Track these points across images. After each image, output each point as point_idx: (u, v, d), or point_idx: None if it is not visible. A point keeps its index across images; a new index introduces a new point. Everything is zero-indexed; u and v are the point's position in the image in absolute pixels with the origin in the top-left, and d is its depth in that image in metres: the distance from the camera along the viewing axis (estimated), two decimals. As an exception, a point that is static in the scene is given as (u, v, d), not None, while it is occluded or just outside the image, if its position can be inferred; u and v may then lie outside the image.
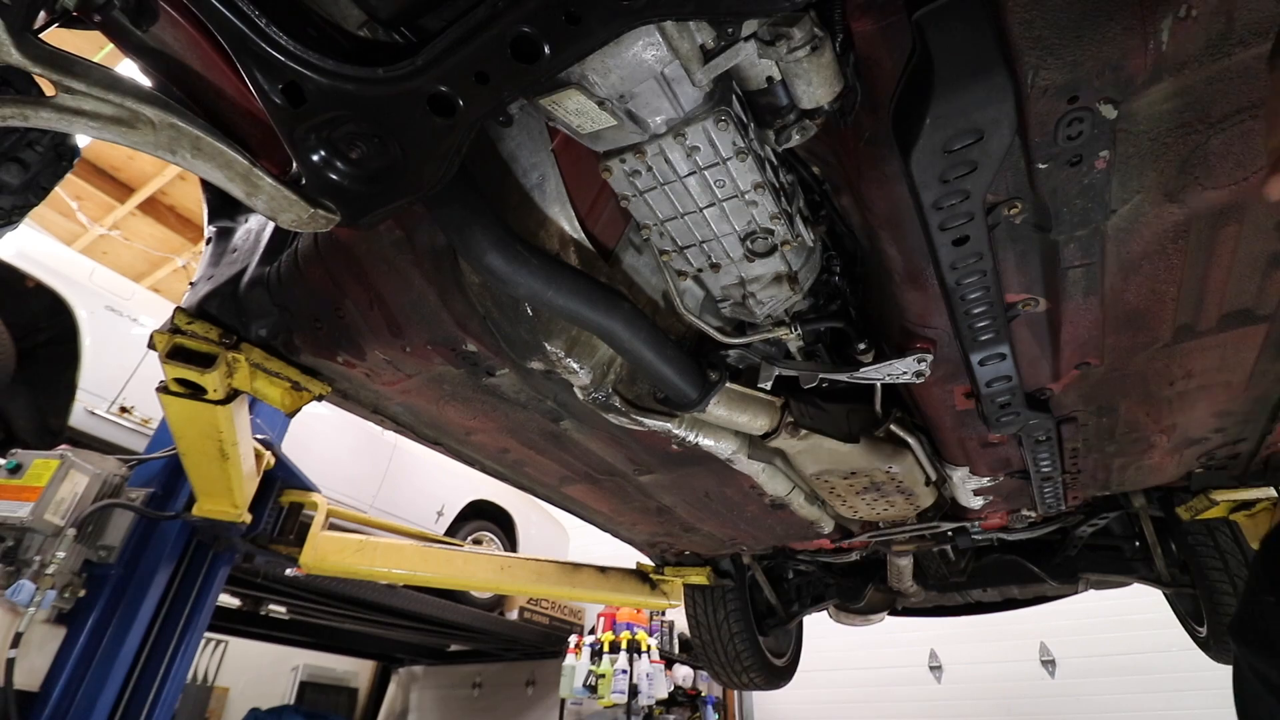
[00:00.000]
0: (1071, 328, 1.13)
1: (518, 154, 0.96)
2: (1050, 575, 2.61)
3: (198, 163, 0.74)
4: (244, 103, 0.88)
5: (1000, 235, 0.93)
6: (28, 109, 0.66)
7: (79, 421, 3.16)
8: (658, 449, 1.63)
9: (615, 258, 1.13)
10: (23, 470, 2.23)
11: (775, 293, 1.06)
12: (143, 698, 2.32)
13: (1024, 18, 0.65)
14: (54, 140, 1.50)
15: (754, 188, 0.88)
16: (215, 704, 6.39)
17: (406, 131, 0.73)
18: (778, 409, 1.41)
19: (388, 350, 1.31)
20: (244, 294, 1.35)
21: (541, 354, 1.12)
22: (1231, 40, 0.66)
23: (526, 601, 5.91)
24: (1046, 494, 1.82)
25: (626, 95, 0.74)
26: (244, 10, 0.66)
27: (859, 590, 3.01)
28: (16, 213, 1.54)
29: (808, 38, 0.68)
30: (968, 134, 0.74)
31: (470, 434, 1.67)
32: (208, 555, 2.59)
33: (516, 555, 4.48)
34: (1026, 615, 3.31)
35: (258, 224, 1.46)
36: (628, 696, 5.13)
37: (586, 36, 0.63)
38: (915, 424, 1.58)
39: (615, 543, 2.65)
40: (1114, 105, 0.72)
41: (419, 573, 2.78)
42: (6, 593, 2.05)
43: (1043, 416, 1.38)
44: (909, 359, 1.20)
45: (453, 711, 7.53)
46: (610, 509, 2.17)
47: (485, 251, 0.90)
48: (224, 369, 1.38)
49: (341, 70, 0.69)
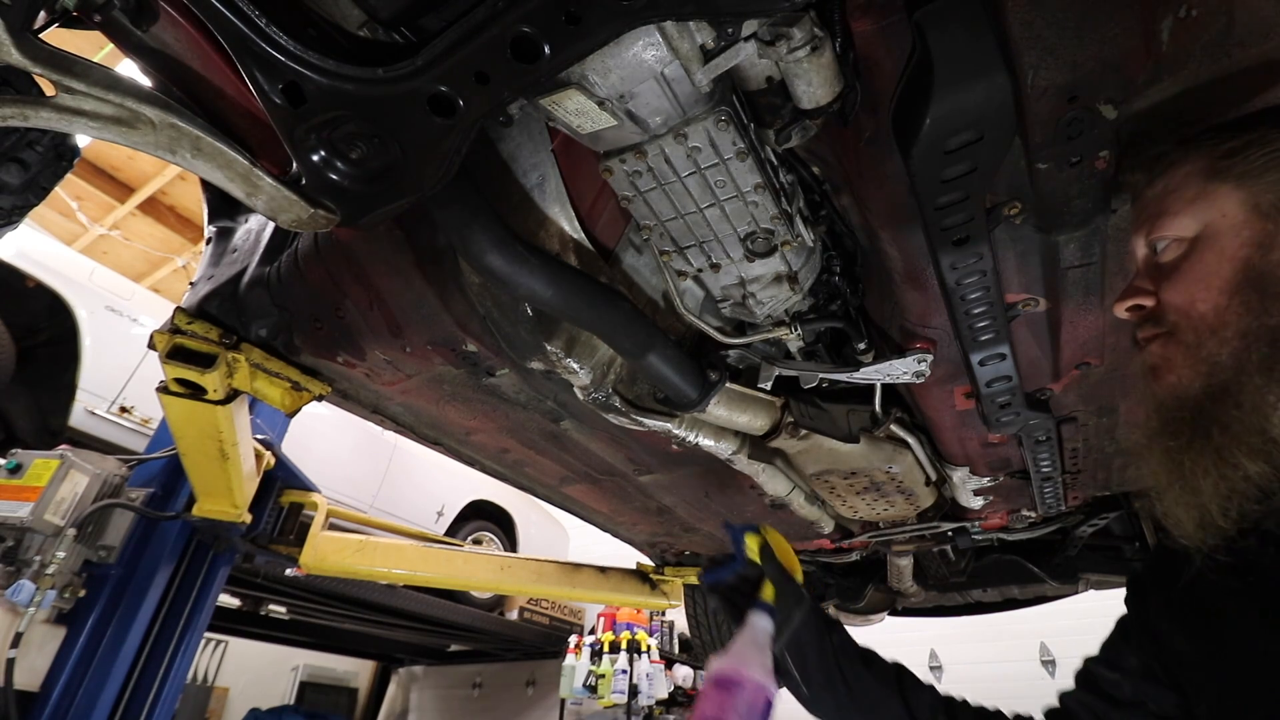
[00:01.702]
0: (1071, 328, 1.13)
1: (518, 154, 0.96)
2: (1050, 575, 2.61)
3: (198, 163, 0.74)
4: (244, 103, 0.88)
5: (1000, 235, 0.93)
6: (28, 109, 0.66)
7: (79, 421, 3.16)
8: (658, 449, 1.63)
9: (615, 258, 1.13)
10: (23, 470, 2.23)
11: (775, 293, 1.06)
12: (143, 698, 2.31)
13: (1024, 18, 0.64)
14: (54, 140, 1.50)
15: (754, 188, 0.88)
16: (215, 704, 6.39)
17: (406, 132, 0.73)
18: (778, 409, 1.41)
19: (388, 350, 1.31)
20: (244, 294, 1.34)
21: (541, 354, 1.12)
22: (1231, 40, 0.66)
23: (526, 601, 5.90)
24: (1046, 494, 1.82)
25: (626, 95, 0.74)
26: (244, 10, 0.66)
27: (859, 590, 3.01)
28: (16, 213, 1.55)
29: (808, 38, 0.68)
30: (968, 134, 0.74)
31: (470, 434, 1.67)
32: (208, 555, 2.59)
33: (516, 555, 4.48)
34: (1026, 615, 3.31)
35: (258, 224, 1.46)
36: (628, 696, 5.13)
37: (586, 37, 0.63)
38: (915, 424, 1.58)
39: (615, 543, 2.65)
40: (1114, 105, 0.72)
41: (419, 573, 2.78)
42: (6, 593, 2.05)
43: (1043, 416, 1.39)
44: (909, 359, 1.20)
45: (453, 711, 7.52)
46: (610, 509, 2.17)
47: (485, 251, 0.90)
48: (224, 369, 1.38)
49: (341, 70, 0.69)
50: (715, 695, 0.85)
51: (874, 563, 2.87)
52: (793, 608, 1.01)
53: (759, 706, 0.84)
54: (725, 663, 0.89)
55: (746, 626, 0.97)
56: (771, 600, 1.00)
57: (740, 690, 0.84)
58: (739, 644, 0.93)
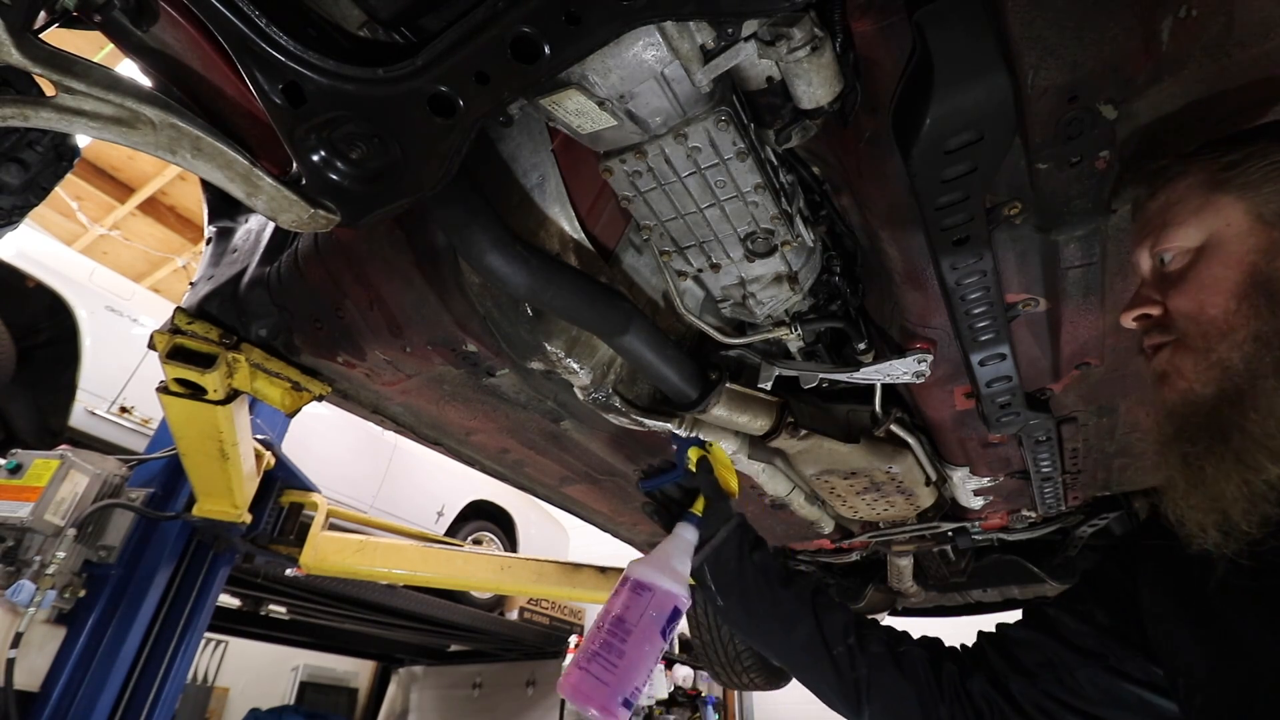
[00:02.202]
0: (1072, 328, 1.13)
1: (518, 154, 0.96)
2: (1050, 575, 2.61)
3: (198, 163, 0.74)
4: (244, 103, 0.88)
5: (1000, 235, 0.93)
6: (28, 109, 0.66)
7: (79, 421, 3.16)
8: (658, 449, 1.63)
9: (615, 258, 1.13)
10: (23, 470, 2.23)
11: (775, 293, 1.06)
12: (143, 698, 2.32)
13: (1024, 18, 0.64)
14: (54, 140, 1.50)
15: (754, 188, 0.88)
16: (215, 704, 6.39)
17: (406, 132, 0.73)
18: (778, 409, 1.41)
19: (388, 350, 1.31)
20: (244, 294, 1.34)
21: (542, 354, 1.12)
22: (1231, 40, 0.66)
23: (526, 601, 5.90)
24: (1046, 494, 1.82)
25: (627, 95, 0.74)
26: (244, 10, 0.66)
27: (859, 590, 3.01)
28: (17, 213, 1.55)
29: (808, 38, 0.68)
30: (968, 134, 0.74)
31: (470, 434, 1.67)
32: (208, 555, 2.59)
33: (516, 555, 4.49)
34: (1026, 615, 3.31)
35: (258, 224, 1.46)
36: (628, 696, 5.12)
37: (586, 37, 0.63)
38: (915, 424, 1.58)
39: (615, 543, 2.64)
40: (1114, 105, 0.72)
41: (419, 573, 2.78)
42: (6, 593, 2.05)
43: (1043, 416, 1.39)
44: (909, 359, 1.20)
45: (453, 711, 7.52)
46: (610, 509, 2.17)
47: (485, 252, 0.90)
48: (224, 369, 1.38)
49: (342, 70, 0.69)
50: (626, 596, 0.90)
51: (874, 563, 2.87)
52: (719, 522, 1.06)
53: (665, 611, 0.89)
54: (641, 567, 0.94)
55: (672, 536, 1.02)
56: (700, 514, 1.05)
57: (650, 594, 0.89)
58: (660, 550, 0.98)
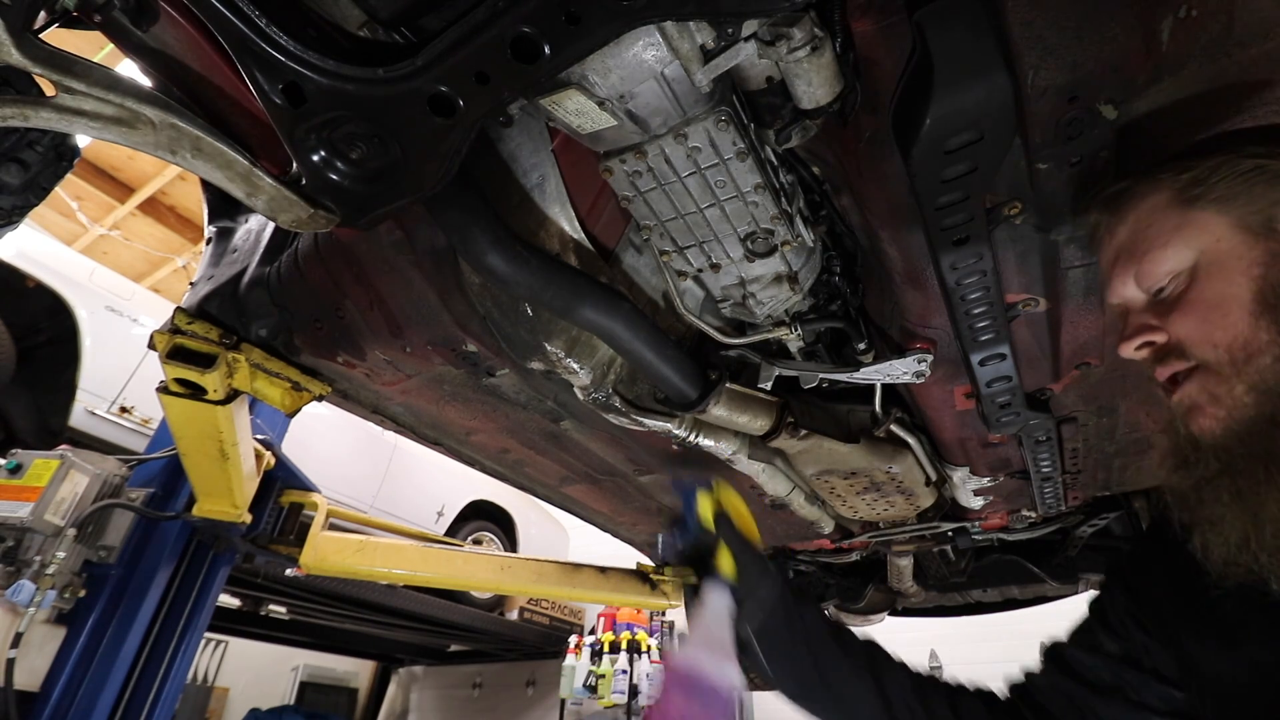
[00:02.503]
0: (1072, 328, 1.13)
1: (518, 154, 0.96)
2: (1050, 575, 2.61)
3: (198, 163, 0.74)
4: (244, 103, 0.88)
5: (1000, 235, 0.93)
6: (28, 109, 0.66)
7: (79, 421, 3.16)
8: (658, 449, 1.63)
9: (615, 258, 1.13)
10: (23, 470, 2.23)
11: (775, 293, 1.06)
12: (143, 698, 2.31)
13: (1024, 18, 0.64)
14: (54, 140, 1.50)
15: (754, 188, 0.88)
16: (215, 704, 6.39)
17: (406, 132, 0.73)
18: (778, 409, 1.41)
19: (388, 351, 1.31)
20: (244, 294, 1.34)
21: (541, 354, 1.12)
22: (1231, 40, 0.66)
23: (526, 602, 5.91)
24: (1046, 494, 1.82)
25: (627, 95, 0.74)
26: (244, 10, 0.66)
27: (859, 590, 3.01)
28: (17, 213, 1.55)
29: (808, 38, 0.68)
30: (968, 134, 0.74)
31: (470, 434, 1.67)
32: (208, 555, 2.59)
33: (516, 555, 4.48)
34: (1026, 615, 3.30)
35: (258, 224, 1.46)
36: (628, 697, 5.13)
37: (586, 36, 0.63)
38: (915, 424, 1.58)
39: (615, 543, 2.65)
40: (1115, 105, 0.72)
41: (419, 573, 2.77)
42: (6, 593, 2.05)
43: (1043, 417, 1.39)
44: (909, 359, 1.20)
45: (453, 711, 7.53)
46: (610, 509, 2.17)
47: (485, 251, 0.90)
48: (224, 369, 1.38)
49: (342, 70, 0.69)
50: (679, 699, 0.79)
51: (874, 563, 2.87)
52: (756, 583, 0.93)
53: (721, 707, 0.79)
54: (687, 660, 0.83)
55: (703, 606, 0.89)
56: (731, 574, 0.93)
57: (703, 693, 0.79)
58: (698, 632, 0.87)
